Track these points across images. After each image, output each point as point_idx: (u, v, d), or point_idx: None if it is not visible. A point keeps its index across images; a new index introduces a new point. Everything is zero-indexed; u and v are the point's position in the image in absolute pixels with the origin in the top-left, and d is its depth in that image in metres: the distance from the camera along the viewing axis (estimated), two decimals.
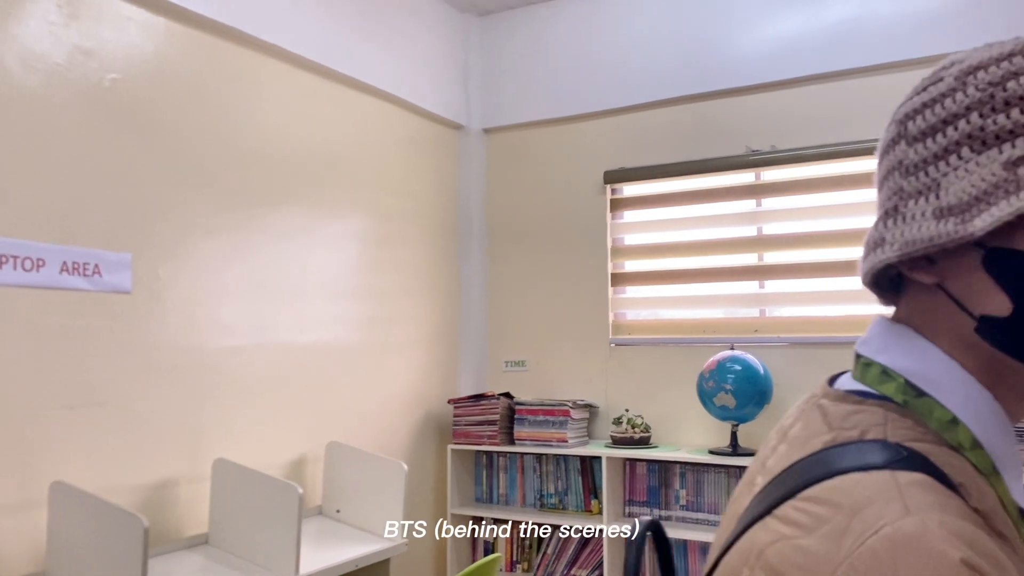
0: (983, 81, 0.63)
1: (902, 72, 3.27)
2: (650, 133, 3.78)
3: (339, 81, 3.43)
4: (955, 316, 0.65)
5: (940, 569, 0.50)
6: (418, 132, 3.88)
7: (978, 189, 0.59)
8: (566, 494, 3.72)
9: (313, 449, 3.24)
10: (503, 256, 4.13)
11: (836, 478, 0.59)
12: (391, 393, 3.65)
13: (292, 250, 3.18)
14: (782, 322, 3.53)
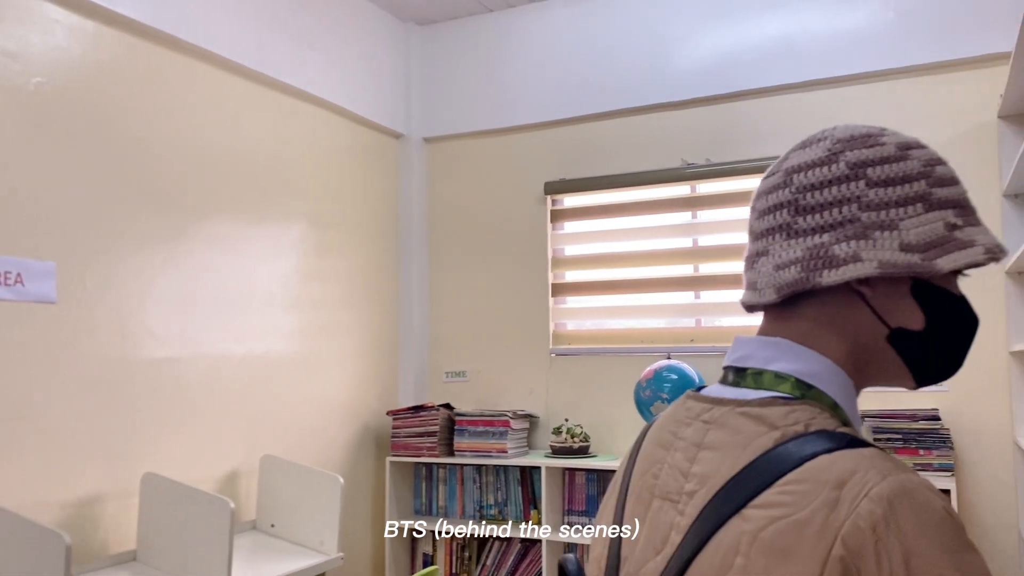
0: (919, 158, 0.81)
1: (834, 88, 3.37)
2: (589, 145, 3.82)
3: (276, 88, 3.38)
4: (868, 323, 0.81)
5: (932, 515, 0.64)
6: (357, 140, 3.85)
7: (930, 237, 0.77)
8: (506, 504, 3.71)
9: (247, 462, 3.17)
10: (443, 266, 4.12)
11: (808, 462, 0.70)
12: (328, 405, 3.60)
13: (227, 259, 3.11)
14: (717, 332, 3.59)
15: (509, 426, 3.57)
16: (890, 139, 0.82)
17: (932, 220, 0.78)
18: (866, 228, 0.78)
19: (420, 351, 4.09)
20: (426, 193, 4.18)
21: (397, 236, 4.11)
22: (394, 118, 4.04)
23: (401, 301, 4.10)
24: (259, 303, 3.25)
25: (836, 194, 0.80)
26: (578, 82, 3.81)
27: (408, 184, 4.12)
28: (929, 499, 0.65)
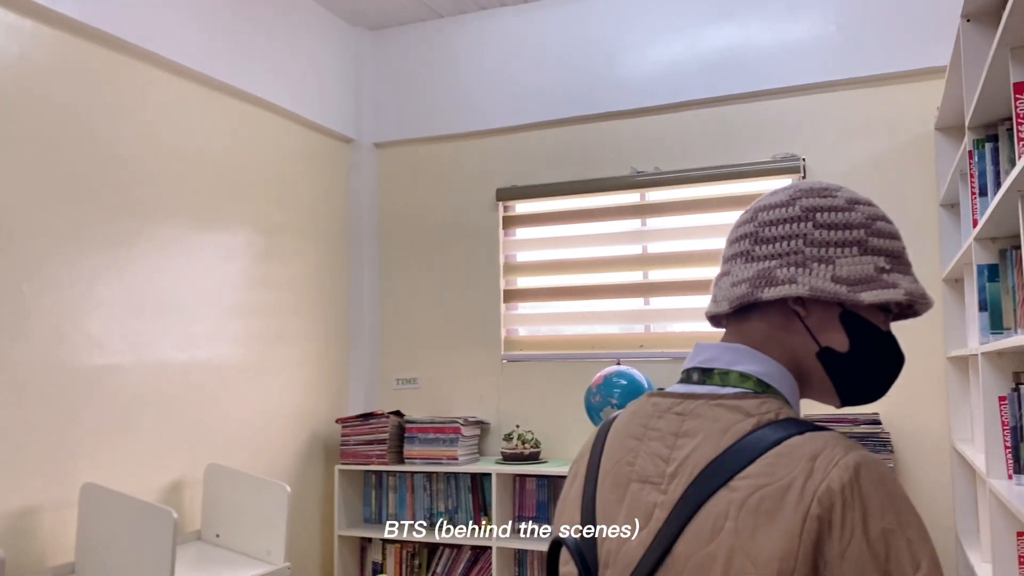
0: (863, 212, 0.96)
1: (779, 99, 3.43)
2: (541, 152, 3.84)
3: (224, 92, 3.33)
4: (803, 339, 0.96)
5: (884, 483, 0.80)
6: (307, 145, 3.81)
7: (859, 275, 0.93)
8: (456, 511, 3.69)
9: (191, 471, 3.11)
10: (395, 272, 4.09)
11: (784, 441, 0.84)
12: (276, 413, 3.55)
13: (172, 264, 3.05)
14: (666, 337, 3.63)
15: (460, 433, 3.55)
16: (842, 194, 0.97)
17: (864, 262, 0.94)
18: (807, 259, 0.94)
19: (370, 358, 4.05)
20: (377, 198, 4.15)
21: (347, 242, 4.08)
22: (344, 123, 4.01)
23: (351, 307, 4.06)
24: (205, 309, 3.19)
25: (788, 230, 0.96)
26: (530, 89, 3.83)
27: (359, 189, 4.09)
28: (882, 471, 0.82)
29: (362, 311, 4.04)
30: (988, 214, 1.93)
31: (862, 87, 3.31)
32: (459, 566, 3.63)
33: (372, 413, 3.69)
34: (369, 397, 4.03)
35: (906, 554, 0.78)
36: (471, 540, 3.49)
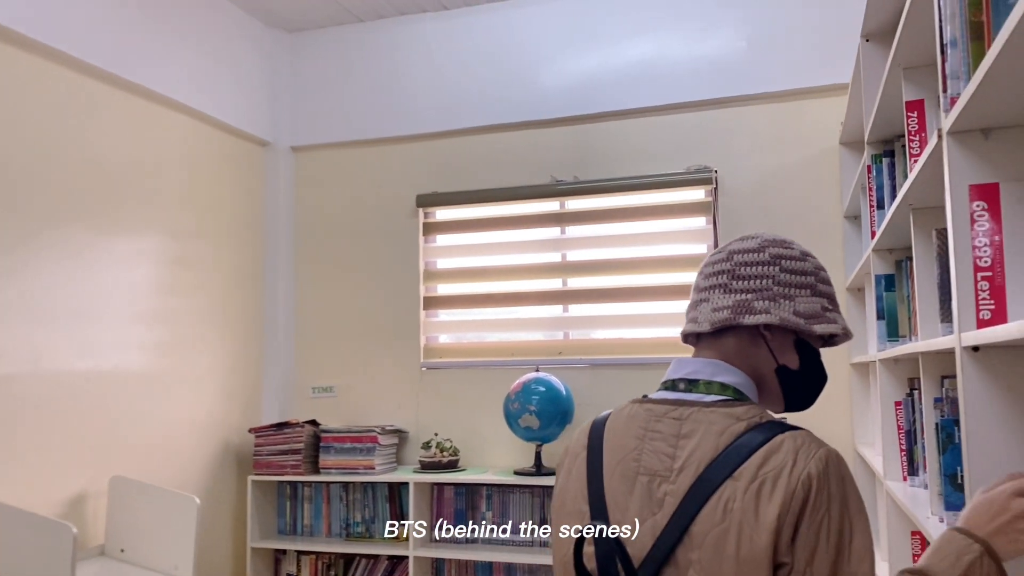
0: (812, 263, 1.24)
1: (692, 112, 3.52)
2: (462, 159, 3.84)
3: (133, 91, 3.23)
4: (765, 357, 1.22)
5: (845, 475, 1.06)
6: (220, 148, 3.72)
7: (812, 312, 1.20)
8: (373, 522, 3.65)
9: (95, 485, 2.99)
10: (312, 278, 4.02)
11: (773, 439, 1.08)
12: (186, 423, 3.45)
13: (74, 270, 2.93)
14: (585, 344, 3.67)
15: (377, 442, 3.51)
16: (798, 247, 1.25)
17: (815, 302, 1.21)
18: (775, 296, 1.20)
19: (286, 366, 3.97)
20: (293, 203, 4.08)
21: (263, 247, 3.99)
22: (260, 126, 3.93)
23: (266, 314, 3.97)
24: (110, 316, 3.08)
25: (760, 271, 1.21)
26: (450, 96, 3.83)
27: (274, 194, 4.01)
28: (844, 465, 1.08)
29: (277, 318, 3.96)
30: (884, 226, 2.01)
31: (771, 102, 3.42)
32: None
33: (287, 422, 3.62)
34: (284, 406, 3.95)
35: (847, 526, 1.04)
36: (388, 550, 3.45)
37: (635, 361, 3.52)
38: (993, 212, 1.25)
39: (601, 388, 3.54)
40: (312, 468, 3.61)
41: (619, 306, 3.62)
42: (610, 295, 3.62)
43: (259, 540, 3.64)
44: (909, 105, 1.78)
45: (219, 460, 3.64)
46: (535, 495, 3.45)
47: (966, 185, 1.26)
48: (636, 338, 3.59)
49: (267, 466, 3.60)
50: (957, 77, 1.26)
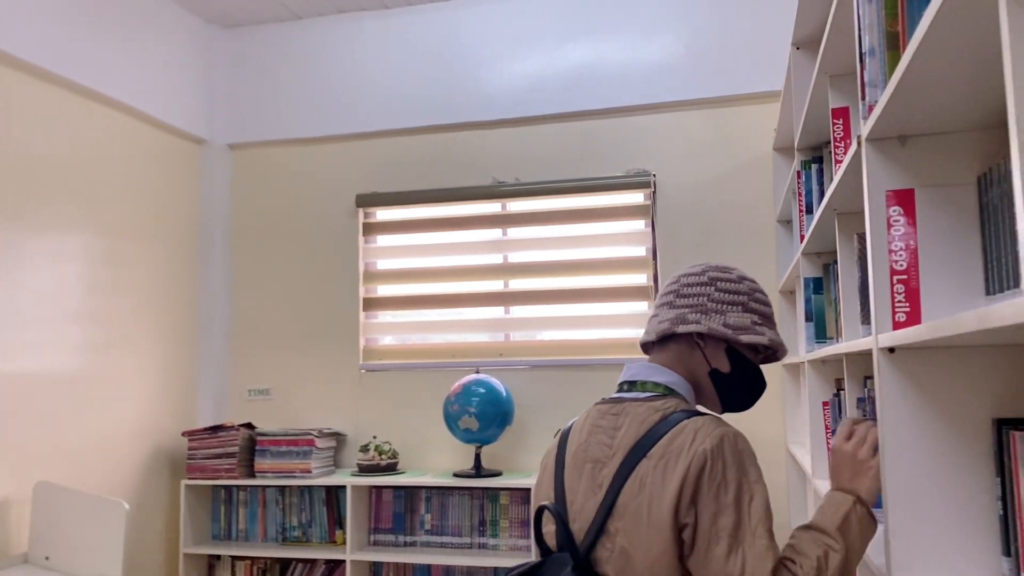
0: (745, 286, 1.47)
1: (631, 116, 3.55)
2: (403, 159, 3.81)
3: (61, 85, 3.13)
4: (700, 362, 1.46)
5: (743, 449, 1.29)
6: (154, 145, 3.63)
7: (741, 325, 1.43)
8: (310, 526, 3.60)
9: (17, 490, 2.89)
10: (248, 279, 3.95)
11: (679, 424, 1.32)
12: (116, 427, 3.35)
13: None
14: (526, 346, 3.68)
15: (314, 445, 3.47)
16: (736, 273, 1.48)
17: (745, 317, 1.44)
18: (708, 310, 1.44)
19: (221, 368, 3.90)
20: (230, 202, 4.00)
21: (197, 247, 3.91)
22: (195, 122, 3.85)
23: (201, 315, 3.89)
24: (36, 317, 2.98)
25: (698, 291, 1.46)
26: (391, 96, 3.80)
27: (210, 192, 3.93)
28: (736, 441, 1.29)
29: (212, 319, 3.88)
30: (811, 230, 2.06)
31: (708, 107, 3.47)
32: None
33: (221, 425, 3.55)
34: (219, 409, 3.87)
35: (746, 491, 1.25)
36: (325, 554, 3.41)
37: (576, 362, 3.54)
38: (909, 217, 1.28)
39: (542, 390, 3.56)
40: (247, 472, 3.54)
41: (560, 308, 3.63)
42: (551, 297, 3.64)
43: (192, 546, 3.56)
44: (835, 112, 1.82)
45: (151, 464, 3.55)
46: (474, 497, 3.44)
47: (883, 191, 1.29)
48: (577, 339, 3.61)
49: (201, 470, 3.52)
50: (875, 85, 1.29)
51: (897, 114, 1.21)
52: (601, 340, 3.57)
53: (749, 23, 3.41)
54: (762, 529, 1.23)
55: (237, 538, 3.68)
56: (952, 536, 1.24)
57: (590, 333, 3.59)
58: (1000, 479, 1.19)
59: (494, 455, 3.56)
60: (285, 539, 3.62)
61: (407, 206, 3.78)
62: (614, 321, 3.57)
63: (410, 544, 3.48)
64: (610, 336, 3.56)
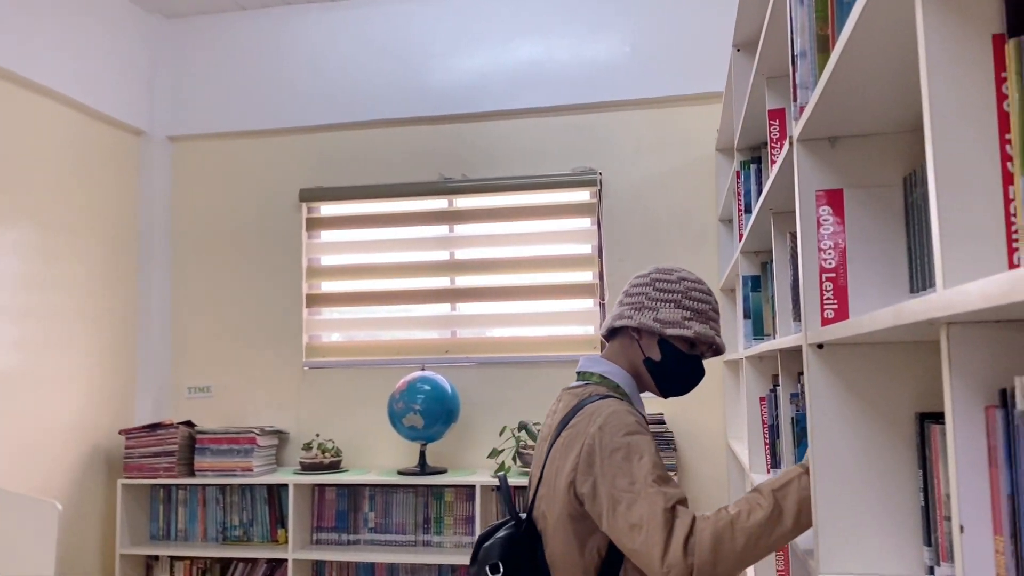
0: (683, 285, 1.61)
1: (578, 115, 3.57)
2: (348, 154, 3.77)
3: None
4: (637, 353, 1.64)
5: (627, 422, 1.47)
6: (91, 136, 3.54)
7: (671, 319, 1.59)
8: (251, 525, 3.55)
9: None
10: (189, 274, 3.88)
11: (586, 407, 1.52)
12: (50, 425, 3.26)
13: None
14: (472, 343, 3.67)
15: (255, 443, 3.42)
16: (677, 274, 1.63)
17: (675, 312, 1.59)
18: (643, 307, 1.61)
19: (160, 365, 3.81)
20: (170, 196, 3.92)
21: (137, 241, 3.82)
22: (135, 114, 3.76)
23: (140, 311, 3.80)
24: None
25: (640, 290, 1.64)
26: (337, 89, 3.76)
27: (150, 185, 3.84)
28: (621, 417, 1.47)
29: (151, 315, 3.79)
30: (749, 229, 2.10)
31: (654, 107, 3.51)
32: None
33: (160, 423, 3.47)
34: (158, 407, 3.79)
35: (634, 452, 1.43)
36: (267, 553, 3.37)
37: (523, 359, 3.55)
38: (838, 216, 1.32)
39: (488, 386, 3.56)
40: (187, 471, 3.48)
41: (507, 305, 3.64)
42: (498, 294, 3.64)
43: (129, 546, 3.48)
44: (771, 114, 1.86)
45: (87, 463, 3.46)
46: (419, 495, 3.43)
47: (814, 190, 1.32)
48: (524, 336, 3.62)
49: (138, 469, 3.45)
50: (806, 87, 1.32)
51: (826, 115, 1.24)
52: (547, 337, 3.58)
53: (694, 24, 3.45)
54: (651, 479, 1.39)
55: (176, 538, 3.61)
56: (877, 526, 1.28)
57: (536, 330, 3.61)
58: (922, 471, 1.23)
59: (439, 452, 3.55)
60: (226, 538, 3.56)
61: (352, 201, 3.75)
62: (560, 318, 3.59)
63: (353, 542, 3.46)
64: (556, 333, 3.58)
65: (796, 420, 1.71)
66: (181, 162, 3.93)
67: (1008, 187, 0.73)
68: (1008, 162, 0.73)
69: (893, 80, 1.11)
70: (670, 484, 1.41)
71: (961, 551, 0.73)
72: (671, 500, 1.37)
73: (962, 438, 0.73)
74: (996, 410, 0.71)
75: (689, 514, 1.37)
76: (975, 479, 0.72)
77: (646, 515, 1.36)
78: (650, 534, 1.34)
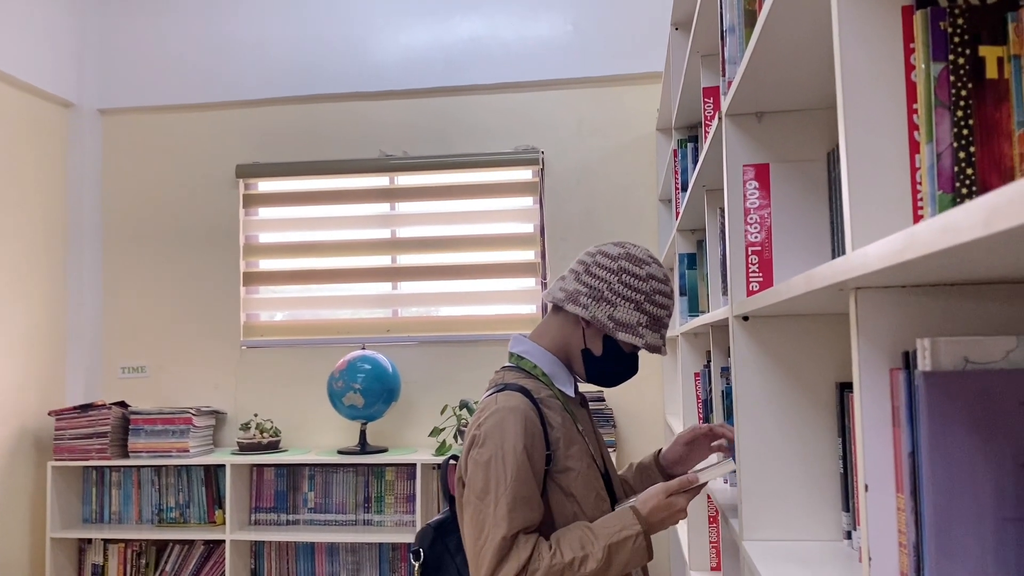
0: (649, 286, 1.48)
1: (520, 92, 3.56)
2: (286, 129, 3.71)
3: None
4: (578, 340, 1.52)
5: (516, 410, 1.39)
6: (15, 107, 3.41)
7: (626, 321, 1.47)
8: (188, 506, 3.49)
9: None
10: (121, 252, 3.77)
11: (486, 400, 1.46)
12: None
13: None
14: (414, 322, 3.65)
15: (191, 423, 3.36)
16: (648, 269, 1.48)
17: (633, 314, 1.47)
18: (601, 299, 1.47)
19: (92, 345, 3.71)
20: (101, 171, 3.80)
21: (66, 217, 3.70)
22: (63, 85, 3.63)
23: (70, 289, 3.69)
24: None
25: (604, 275, 1.48)
26: (275, 63, 3.68)
27: (80, 160, 3.72)
28: (509, 421, 1.38)
29: (82, 293, 3.68)
30: (684, 207, 2.12)
31: (595, 86, 3.52)
32: (191, 563, 3.44)
33: (92, 404, 3.39)
34: (90, 387, 3.69)
35: (498, 461, 1.36)
36: (204, 534, 3.32)
37: (464, 338, 3.54)
38: (764, 191, 1.34)
39: (429, 365, 3.55)
40: (120, 452, 3.40)
41: (449, 284, 3.62)
42: (440, 273, 3.62)
43: (60, 530, 3.40)
44: (706, 91, 1.87)
45: (15, 446, 3.36)
46: (360, 474, 3.42)
47: (741, 165, 1.34)
48: (465, 315, 3.61)
49: (69, 451, 3.36)
50: (734, 62, 1.34)
51: (753, 90, 1.25)
52: (489, 316, 3.59)
53: (635, 4, 3.46)
54: (504, 500, 1.32)
55: (110, 521, 3.54)
56: (799, 493, 1.31)
57: (478, 309, 3.60)
58: (841, 439, 1.26)
59: (380, 432, 3.53)
60: (162, 520, 3.50)
61: (291, 178, 3.69)
62: (502, 297, 3.60)
63: (293, 523, 3.43)
64: (498, 312, 3.58)
65: (725, 393, 1.74)
66: (113, 136, 3.81)
67: (915, 155, 0.75)
68: (915, 131, 0.75)
69: (815, 55, 1.13)
70: (521, 508, 1.34)
71: (866, 509, 0.75)
72: (514, 528, 1.32)
73: (868, 400, 0.75)
74: (900, 372, 0.73)
75: (528, 547, 1.32)
76: (879, 440, 0.75)
77: (486, 534, 1.33)
78: (484, 552, 1.33)
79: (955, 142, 0.70)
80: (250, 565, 3.44)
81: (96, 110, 3.77)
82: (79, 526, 3.51)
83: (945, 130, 0.71)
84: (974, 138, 0.70)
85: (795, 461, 1.31)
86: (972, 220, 0.42)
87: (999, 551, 0.67)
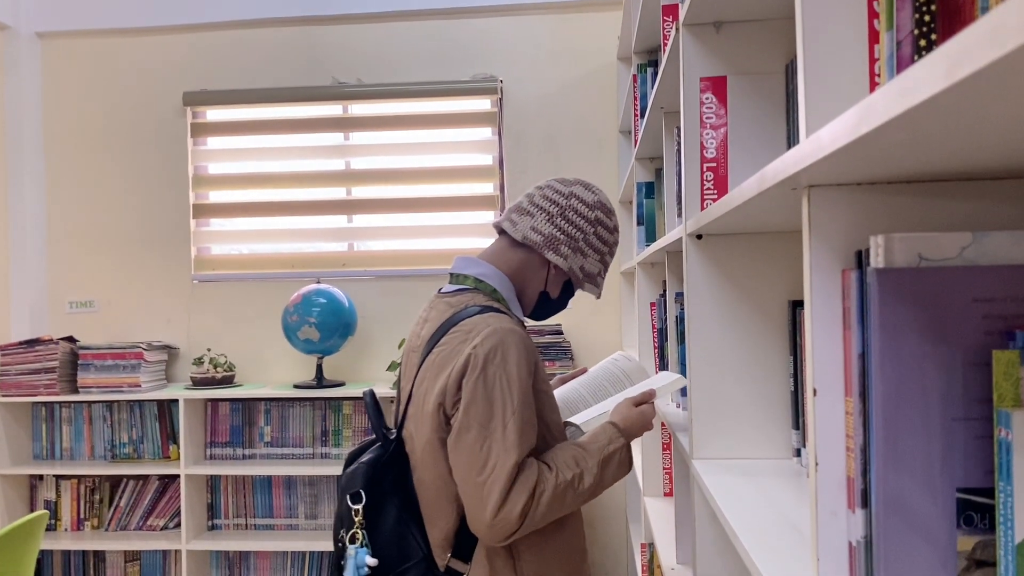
0: (613, 238, 1.56)
1: (479, 18, 3.45)
2: (235, 55, 3.56)
3: None
4: (540, 280, 1.52)
5: (513, 332, 1.35)
6: None
7: (590, 272, 1.52)
8: (141, 442, 3.44)
9: None
10: (65, 183, 3.63)
11: (463, 321, 1.38)
12: None
13: None
14: (369, 256, 3.59)
15: (142, 358, 3.29)
16: (614, 221, 1.54)
17: (597, 265, 1.52)
18: (579, 250, 1.49)
19: (36, 279, 3.60)
20: (41, 98, 3.63)
21: (4, 146, 3.54)
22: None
23: (11, 222, 3.55)
24: None
25: (580, 224, 1.49)
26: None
27: (16, 86, 3.55)
28: (508, 347, 1.33)
29: (25, 226, 3.55)
30: (642, 133, 2.08)
31: (555, 12, 3.42)
32: (145, 498, 3.41)
33: (38, 339, 3.30)
34: (36, 323, 3.59)
35: (503, 387, 1.31)
36: (158, 469, 3.28)
37: (421, 272, 3.50)
38: (721, 105, 1.30)
39: (386, 300, 3.50)
40: (70, 388, 3.33)
41: (405, 217, 3.56)
42: (396, 205, 3.55)
43: (9, 466, 3.33)
44: (665, 9, 1.82)
45: None
46: (316, 408, 3.39)
47: (698, 78, 1.30)
48: (423, 249, 3.56)
49: (16, 387, 3.28)
50: None
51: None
52: (447, 250, 3.53)
53: None
54: (513, 425, 1.29)
55: (61, 457, 3.48)
56: (750, 413, 1.30)
57: (436, 243, 3.55)
58: (793, 357, 1.25)
59: (336, 366, 3.49)
60: (115, 456, 3.45)
61: (240, 106, 3.56)
62: (460, 230, 3.54)
63: (249, 457, 3.40)
64: (456, 246, 3.53)
65: (679, 319, 1.73)
66: (52, 61, 3.64)
67: (874, 46, 0.72)
68: (875, 19, 0.71)
69: None
70: (528, 433, 1.32)
71: (814, 414, 0.74)
72: (523, 454, 1.30)
73: (819, 302, 0.72)
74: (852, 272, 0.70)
75: (533, 471, 1.30)
76: (829, 342, 0.72)
77: (493, 463, 1.28)
78: (493, 480, 1.27)
79: (916, 29, 0.66)
80: (207, 499, 3.42)
81: (34, 33, 3.59)
82: (29, 462, 3.45)
83: (906, 17, 0.67)
84: (936, 25, 0.66)
85: (746, 380, 1.30)
86: (933, 72, 0.38)
87: (946, 452, 0.66)
